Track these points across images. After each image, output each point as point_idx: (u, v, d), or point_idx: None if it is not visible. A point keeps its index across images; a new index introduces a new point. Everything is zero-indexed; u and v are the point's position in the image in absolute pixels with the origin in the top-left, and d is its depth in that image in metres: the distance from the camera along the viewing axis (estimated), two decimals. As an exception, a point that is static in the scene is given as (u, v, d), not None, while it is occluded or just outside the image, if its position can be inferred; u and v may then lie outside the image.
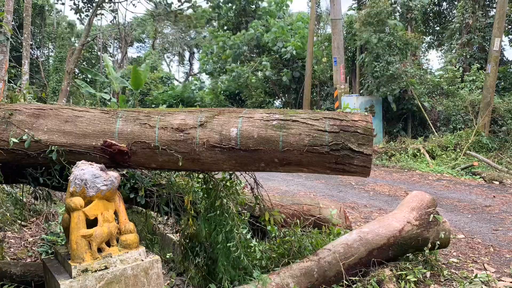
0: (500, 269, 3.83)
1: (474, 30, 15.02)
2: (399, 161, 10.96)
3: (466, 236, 4.84)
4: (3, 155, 2.59)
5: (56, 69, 22.14)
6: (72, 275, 2.20)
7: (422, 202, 3.85)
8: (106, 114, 2.71)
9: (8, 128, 2.60)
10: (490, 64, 11.07)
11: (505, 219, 5.52)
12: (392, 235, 3.50)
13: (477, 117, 11.36)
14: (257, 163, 2.57)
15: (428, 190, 7.13)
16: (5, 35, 8.84)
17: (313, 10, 16.29)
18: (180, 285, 3.41)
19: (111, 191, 2.40)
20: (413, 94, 13.18)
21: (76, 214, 2.26)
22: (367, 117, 2.51)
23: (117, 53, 34.02)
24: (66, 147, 2.59)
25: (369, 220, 5.41)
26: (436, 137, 11.94)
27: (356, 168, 2.51)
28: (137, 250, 2.44)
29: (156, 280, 2.45)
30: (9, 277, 3.11)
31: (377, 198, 7.05)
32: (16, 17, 15.97)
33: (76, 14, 15.17)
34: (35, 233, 4.84)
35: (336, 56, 13.64)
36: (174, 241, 3.80)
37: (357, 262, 3.28)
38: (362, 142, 2.44)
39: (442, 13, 18.79)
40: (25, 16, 12.59)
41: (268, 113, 2.58)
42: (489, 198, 6.77)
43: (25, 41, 12.90)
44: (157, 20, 26.98)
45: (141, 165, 2.72)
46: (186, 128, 2.57)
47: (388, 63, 12.90)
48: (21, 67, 13.69)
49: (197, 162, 2.61)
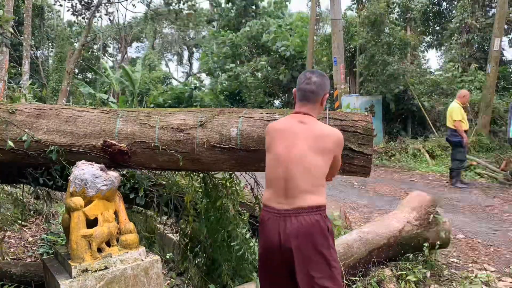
0: (500, 269, 3.83)
1: (474, 30, 15.02)
2: (399, 161, 10.96)
3: (466, 236, 4.84)
4: (3, 155, 2.59)
5: (56, 69, 22.15)
6: (72, 275, 2.20)
7: (422, 202, 3.85)
8: (106, 114, 2.71)
9: (8, 128, 2.60)
10: (490, 64, 11.06)
11: (505, 219, 5.52)
12: (392, 235, 3.50)
13: (477, 117, 11.36)
14: (257, 163, 2.57)
15: (428, 190, 7.12)
16: (5, 35, 8.83)
17: (313, 10, 16.29)
18: (180, 285, 3.41)
19: (111, 191, 2.40)
20: (412, 94, 13.18)
21: (76, 214, 2.26)
22: (367, 117, 2.51)
23: (117, 53, 34.04)
24: (66, 147, 2.59)
25: (369, 220, 5.41)
26: (436, 137, 11.94)
27: (356, 168, 2.51)
28: (137, 250, 2.44)
29: (156, 280, 2.45)
30: (9, 277, 3.11)
31: (377, 198, 7.05)
32: (16, 17, 15.97)
33: (73, 16, 15.14)
34: (35, 233, 4.84)
35: (336, 56, 13.63)
36: (174, 241, 3.80)
37: (357, 262, 3.28)
38: (362, 142, 2.44)
39: (441, 13, 18.79)
40: (25, 16, 12.60)
41: (268, 113, 2.58)
42: (489, 198, 6.77)
43: (25, 41, 12.91)
44: (156, 20, 26.99)
45: (141, 165, 2.72)
46: (186, 128, 2.57)
47: (388, 63, 12.90)
48: (21, 67, 13.69)
49: (197, 162, 2.61)
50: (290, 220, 1.98)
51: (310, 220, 1.98)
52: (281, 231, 1.99)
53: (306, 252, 1.97)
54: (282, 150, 2.07)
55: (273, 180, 2.08)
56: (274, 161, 2.09)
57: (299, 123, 2.10)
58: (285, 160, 2.04)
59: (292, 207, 2.00)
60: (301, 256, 1.97)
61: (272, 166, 2.10)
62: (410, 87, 13.01)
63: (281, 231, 1.99)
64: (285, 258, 2.01)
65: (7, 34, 8.02)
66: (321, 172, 2.06)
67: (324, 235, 2.01)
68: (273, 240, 2.01)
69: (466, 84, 13.83)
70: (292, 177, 2.01)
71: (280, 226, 2.00)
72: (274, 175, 2.07)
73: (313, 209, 2.00)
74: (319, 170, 2.04)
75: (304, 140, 2.05)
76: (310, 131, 2.07)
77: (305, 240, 1.97)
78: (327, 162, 2.07)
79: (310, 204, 1.99)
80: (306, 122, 2.10)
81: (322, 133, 2.07)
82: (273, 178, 2.08)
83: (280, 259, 2.03)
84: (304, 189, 2.00)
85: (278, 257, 2.03)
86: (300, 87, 2.17)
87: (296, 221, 1.98)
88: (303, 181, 2.00)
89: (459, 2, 15.66)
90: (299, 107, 2.18)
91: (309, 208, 1.99)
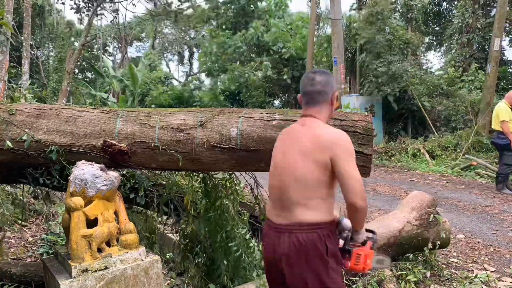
0: (500, 269, 3.83)
1: (474, 30, 15.02)
2: (399, 161, 10.96)
3: (466, 236, 4.84)
4: (3, 155, 2.59)
5: (56, 69, 22.15)
6: (72, 275, 2.20)
7: (422, 202, 3.85)
8: (106, 114, 2.71)
9: (8, 128, 2.60)
10: (490, 64, 11.06)
11: (505, 219, 5.52)
12: (392, 235, 3.50)
13: (477, 117, 11.35)
14: (257, 163, 2.57)
15: (428, 190, 7.12)
16: (5, 35, 8.84)
17: (313, 10, 16.28)
18: (180, 285, 3.41)
19: (111, 191, 2.40)
20: (413, 94, 13.18)
21: (76, 214, 2.26)
22: (367, 117, 2.51)
23: (117, 53, 34.04)
24: (66, 147, 2.59)
25: (369, 220, 5.41)
26: (436, 137, 11.94)
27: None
28: (137, 250, 2.44)
29: (156, 280, 2.45)
30: (9, 277, 3.11)
31: (377, 198, 7.05)
32: (16, 17, 15.95)
33: (76, 13, 15.16)
34: (35, 233, 4.84)
35: (336, 56, 13.62)
36: (174, 241, 3.80)
37: (357, 262, 3.27)
38: (362, 142, 2.44)
39: (442, 13, 18.79)
40: (25, 16, 12.58)
41: (268, 113, 2.58)
42: (489, 198, 6.77)
43: (25, 41, 12.89)
44: (156, 19, 26.98)
45: (141, 165, 2.72)
46: (186, 128, 2.57)
47: (389, 62, 12.90)
48: (21, 67, 13.68)
49: (197, 162, 2.61)
50: (284, 237, 1.80)
51: (303, 240, 1.76)
52: (275, 247, 1.84)
53: (299, 276, 1.78)
54: (280, 158, 1.93)
55: (270, 190, 1.97)
56: (272, 170, 1.97)
57: (301, 127, 1.93)
58: (280, 169, 1.90)
59: (287, 222, 1.82)
60: (293, 279, 1.80)
61: (271, 175, 1.98)
62: (411, 87, 13.00)
63: (275, 247, 1.84)
64: (278, 277, 1.89)
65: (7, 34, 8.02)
66: (315, 181, 1.79)
67: (321, 257, 1.76)
68: (268, 256, 1.92)
69: (466, 84, 13.83)
70: (284, 187, 1.84)
71: (275, 242, 1.85)
72: (271, 184, 1.96)
73: (309, 226, 1.77)
74: (313, 179, 1.78)
75: (300, 145, 1.85)
76: (309, 133, 1.87)
77: (298, 262, 1.77)
78: (323, 169, 1.79)
79: (305, 220, 1.77)
80: (306, 125, 1.92)
81: (318, 134, 1.84)
82: (270, 187, 1.97)
83: (275, 276, 1.93)
84: (296, 201, 1.80)
85: (275, 271, 1.91)
86: (305, 91, 1.96)
87: (288, 239, 1.79)
88: (294, 192, 1.80)
89: (459, 2, 15.66)
90: (305, 111, 1.99)
91: (305, 225, 1.77)
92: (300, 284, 1.79)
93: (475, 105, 12.01)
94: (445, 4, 18.71)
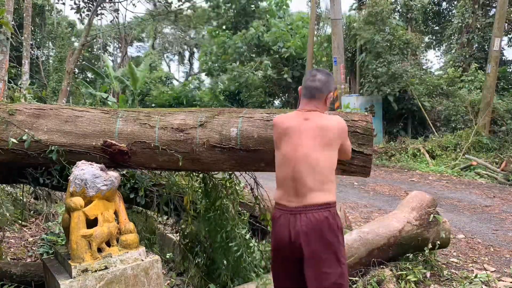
0: (500, 269, 3.83)
1: (474, 30, 15.01)
2: (399, 161, 10.96)
3: (466, 236, 4.84)
4: (3, 155, 2.59)
5: (56, 69, 22.13)
6: (72, 275, 2.20)
7: (422, 202, 3.85)
8: (106, 114, 2.71)
9: (8, 128, 2.60)
10: (490, 64, 11.06)
11: (505, 219, 5.52)
12: (392, 235, 3.50)
13: (477, 117, 11.35)
14: (257, 163, 2.57)
15: (428, 190, 7.13)
16: (5, 35, 8.84)
17: (313, 10, 16.27)
18: (180, 285, 3.41)
19: (111, 191, 2.40)
20: (413, 94, 13.18)
21: (76, 214, 2.26)
22: (367, 117, 2.51)
23: (117, 52, 34.03)
24: (66, 147, 2.59)
25: (369, 220, 5.41)
26: (436, 137, 11.94)
27: (356, 168, 2.51)
28: (137, 250, 2.44)
29: (156, 280, 2.45)
30: (9, 277, 3.11)
31: (377, 198, 7.05)
32: (16, 17, 15.94)
33: (76, 13, 15.14)
34: (35, 233, 4.84)
35: (336, 56, 13.62)
36: (174, 241, 3.80)
37: (357, 262, 3.28)
38: (362, 142, 2.44)
39: (441, 13, 18.79)
40: (25, 16, 12.58)
41: (268, 113, 2.58)
42: (489, 198, 6.77)
43: (25, 41, 12.90)
44: (157, 19, 26.98)
45: (141, 165, 2.72)
46: (186, 128, 2.57)
47: (389, 62, 12.90)
48: (21, 67, 13.68)
49: (197, 162, 2.61)
50: (300, 217, 2.03)
51: (319, 217, 2.02)
52: (291, 227, 2.04)
53: (316, 248, 2.01)
54: (289, 150, 2.11)
55: (282, 180, 2.14)
56: (282, 161, 2.14)
57: (304, 121, 2.14)
58: (292, 160, 2.09)
59: (302, 205, 2.04)
60: (311, 252, 2.01)
61: (281, 166, 2.15)
62: (410, 87, 13.00)
63: (291, 227, 2.04)
64: (295, 254, 2.06)
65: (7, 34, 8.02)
66: (327, 168, 2.08)
67: (333, 231, 2.05)
68: (283, 237, 2.06)
69: (466, 84, 13.83)
70: (300, 176, 2.06)
71: (290, 223, 2.05)
72: (283, 175, 2.13)
73: (322, 206, 2.04)
74: (325, 166, 2.07)
75: (308, 137, 2.09)
76: (314, 126, 2.10)
77: (315, 236, 2.01)
78: (334, 154, 2.11)
79: (318, 202, 2.04)
80: (310, 118, 2.13)
81: (323, 125, 2.11)
82: (282, 178, 2.14)
83: (290, 255, 2.08)
84: (312, 187, 2.04)
85: (288, 253, 2.08)
86: (305, 85, 2.21)
87: (306, 218, 2.03)
88: (310, 179, 2.05)
89: (459, 2, 15.65)
90: (304, 104, 2.20)
91: (318, 205, 2.04)
92: (316, 255, 2.03)
93: (475, 105, 12.01)
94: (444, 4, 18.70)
